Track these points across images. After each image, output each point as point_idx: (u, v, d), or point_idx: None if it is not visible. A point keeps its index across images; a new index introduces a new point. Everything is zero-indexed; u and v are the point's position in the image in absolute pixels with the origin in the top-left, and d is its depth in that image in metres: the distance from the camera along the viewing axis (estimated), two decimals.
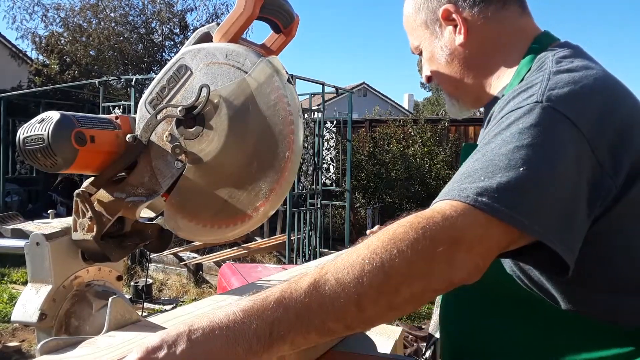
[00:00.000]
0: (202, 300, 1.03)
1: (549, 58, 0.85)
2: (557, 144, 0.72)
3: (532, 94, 0.76)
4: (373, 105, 21.96)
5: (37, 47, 11.53)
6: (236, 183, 0.87)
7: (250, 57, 0.86)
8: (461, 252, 0.66)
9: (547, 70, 0.81)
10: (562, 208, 0.70)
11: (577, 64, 0.82)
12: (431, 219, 0.67)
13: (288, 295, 0.61)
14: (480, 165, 0.72)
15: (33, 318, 0.88)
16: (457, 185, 0.72)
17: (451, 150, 8.42)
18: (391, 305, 0.65)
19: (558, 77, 0.78)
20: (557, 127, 0.73)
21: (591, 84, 0.78)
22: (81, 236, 0.89)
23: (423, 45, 1.00)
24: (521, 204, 0.69)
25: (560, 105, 0.74)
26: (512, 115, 0.76)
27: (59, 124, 0.83)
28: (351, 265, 0.63)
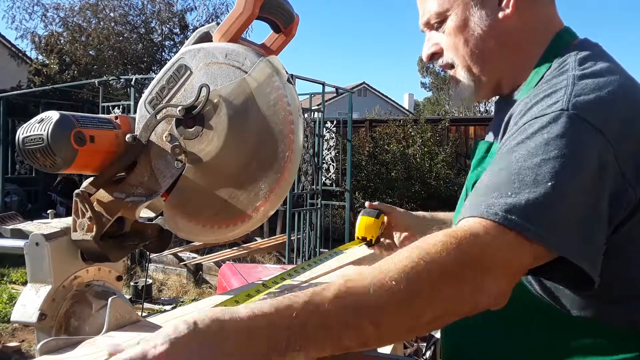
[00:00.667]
0: (202, 301, 1.03)
1: (571, 59, 0.82)
2: (584, 156, 0.70)
3: (557, 100, 0.75)
4: (373, 105, 21.95)
5: (37, 47, 11.53)
6: (236, 183, 0.87)
7: (250, 56, 0.86)
8: (490, 278, 0.66)
9: (570, 74, 0.78)
10: (588, 224, 0.70)
11: (601, 66, 0.80)
12: (463, 240, 0.65)
13: (308, 309, 0.58)
14: (507, 179, 0.71)
15: (33, 318, 0.88)
16: (485, 199, 0.71)
17: (451, 150, 8.42)
18: (411, 327, 0.64)
19: (583, 83, 0.76)
20: (584, 137, 0.71)
21: (616, 90, 0.76)
22: (81, 236, 0.88)
23: (454, 11, 0.89)
24: (551, 223, 0.68)
25: (587, 114, 0.72)
26: (536, 122, 0.74)
27: (59, 124, 0.83)
28: (376, 283, 0.60)
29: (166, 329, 0.55)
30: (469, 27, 0.89)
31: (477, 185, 0.75)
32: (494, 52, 0.90)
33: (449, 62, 0.94)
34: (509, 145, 0.76)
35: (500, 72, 0.92)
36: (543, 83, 0.82)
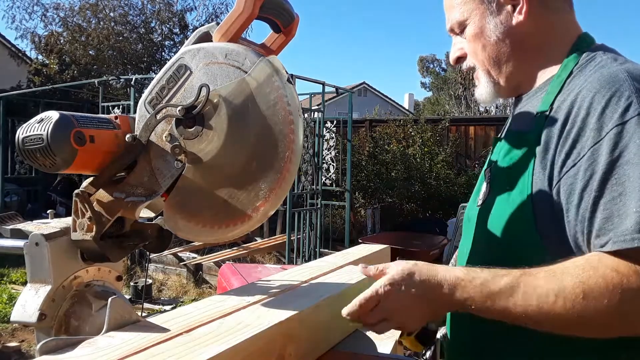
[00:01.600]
0: (202, 301, 1.03)
1: (602, 57, 0.88)
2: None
3: (628, 102, 0.77)
4: (373, 105, 21.95)
5: (37, 47, 11.53)
6: (236, 183, 0.86)
7: (250, 56, 0.86)
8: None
9: (619, 71, 0.81)
10: None
11: (634, 62, 0.86)
12: (626, 278, 0.71)
13: (485, 286, 0.79)
14: (633, 198, 0.73)
15: (32, 318, 0.88)
16: (629, 226, 0.72)
17: (451, 150, 8.42)
18: (559, 328, 0.78)
19: (636, 76, 0.80)
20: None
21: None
22: (80, 236, 0.88)
23: (472, 19, 0.97)
24: None
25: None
26: (620, 131, 0.76)
27: (58, 124, 0.83)
28: (537, 293, 0.76)
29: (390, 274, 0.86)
30: (485, 34, 0.96)
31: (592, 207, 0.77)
32: (510, 55, 0.96)
33: (470, 66, 1.02)
34: (604, 159, 0.77)
35: (519, 73, 0.98)
36: (583, 76, 0.86)
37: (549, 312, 0.75)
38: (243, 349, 0.78)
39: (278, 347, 0.84)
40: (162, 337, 0.80)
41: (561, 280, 0.75)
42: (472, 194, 1.10)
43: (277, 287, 1.11)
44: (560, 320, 0.75)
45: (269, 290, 1.08)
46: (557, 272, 0.76)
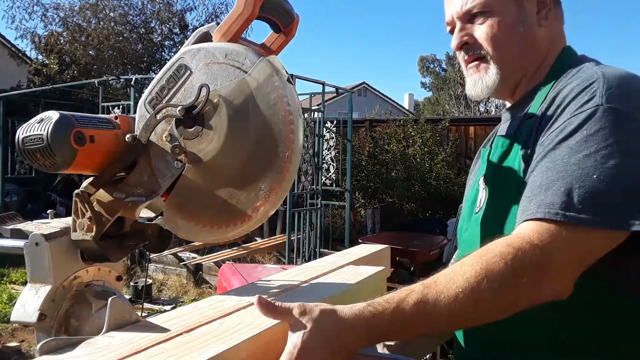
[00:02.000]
0: (202, 301, 1.03)
1: (588, 64, 0.91)
2: (623, 144, 0.78)
3: (591, 96, 0.82)
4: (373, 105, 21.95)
5: (37, 47, 11.53)
6: (236, 183, 0.86)
7: (250, 56, 0.86)
8: (549, 277, 0.75)
9: (598, 72, 0.86)
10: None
11: (617, 68, 0.88)
12: (519, 249, 0.75)
13: (395, 315, 0.75)
14: (555, 176, 0.79)
15: (32, 318, 0.88)
16: (539, 200, 0.79)
17: (451, 150, 8.42)
18: (475, 323, 0.79)
19: (610, 77, 0.84)
20: (620, 128, 0.79)
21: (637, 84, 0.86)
22: (80, 236, 0.88)
23: (498, 6, 0.95)
24: (607, 208, 0.75)
25: (620, 105, 0.80)
26: (574, 121, 0.82)
27: (58, 124, 0.83)
28: (447, 292, 0.75)
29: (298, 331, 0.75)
30: (515, 29, 0.96)
31: (529, 187, 0.83)
32: (525, 55, 0.98)
33: (481, 55, 0.99)
34: (552, 144, 0.83)
35: (522, 73, 1.00)
36: (566, 79, 0.90)
37: (465, 311, 0.75)
38: (243, 349, 0.78)
39: (278, 347, 0.84)
40: (162, 337, 0.80)
41: (462, 275, 0.75)
42: (463, 206, 1.11)
43: (277, 287, 1.11)
44: (479, 311, 0.76)
45: (269, 290, 1.08)
46: (455, 270, 0.77)
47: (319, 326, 0.74)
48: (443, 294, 0.75)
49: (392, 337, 0.78)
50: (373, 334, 0.75)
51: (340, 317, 0.75)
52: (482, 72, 0.99)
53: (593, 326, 0.86)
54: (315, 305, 0.77)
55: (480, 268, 0.75)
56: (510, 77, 0.99)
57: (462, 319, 0.77)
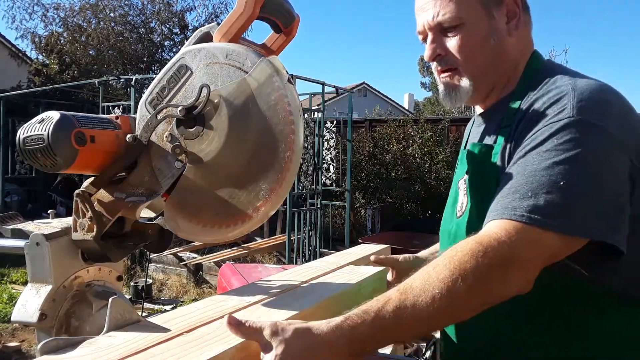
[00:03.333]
0: (202, 301, 1.03)
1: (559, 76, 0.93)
2: (591, 154, 0.82)
3: (563, 108, 0.85)
4: (373, 105, 21.95)
5: (37, 47, 11.53)
6: (236, 183, 0.87)
7: (251, 57, 0.86)
8: (514, 273, 0.78)
9: (568, 85, 0.89)
10: (607, 207, 0.81)
11: (587, 80, 0.91)
12: (488, 246, 0.78)
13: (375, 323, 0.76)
14: (524, 181, 0.83)
15: (33, 318, 0.88)
16: (507, 202, 0.82)
17: (451, 150, 8.41)
18: (453, 321, 0.84)
19: (581, 90, 0.87)
20: (589, 139, 0.82)
21: (607, 90, 0.89)
22: (81, 236, 0.88)
23: (470, 19, 0.96)
24: (571, 214, 0.79)
25: (590, 117, 0.83)
26: (546, 131, 0.85)
27: (59, 124, 0.83)
28: (424, 295, 0.77)
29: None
30: (487, 41, 0.97)
31: (499, 189, 0.86)
32: (497, 65, 1.00)
33: (452, 67, 1.00)
34: (523, 151, 0.87)
35: (495, 82, 1.02)
36: (541, 90, 0.93)
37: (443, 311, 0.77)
38: (243, 349, 0.78)
39: None
40: (163, 337, 0.80)
41: (437, 277, 0.77)
42: (445, 207, 1.13)
43: (277, 287, 1.11)
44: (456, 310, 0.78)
45: (269, 290, 1.08)
46: (429, 272, 0.79)
47: (291, 349, 0.72)
48: (420, 298, 0.76)
49: (373, 347, 0.78)
50: (353, 347, 0.75)
51: (316, 335, 0.74)
52: (456, 82, 1.01)
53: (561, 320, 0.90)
54: (289, 324, 0.75)
55: (453, 267, 0.77)
56: (482, 87, 1.01)
57: (440, 319, 0.80)
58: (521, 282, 0.79)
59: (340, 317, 0.77)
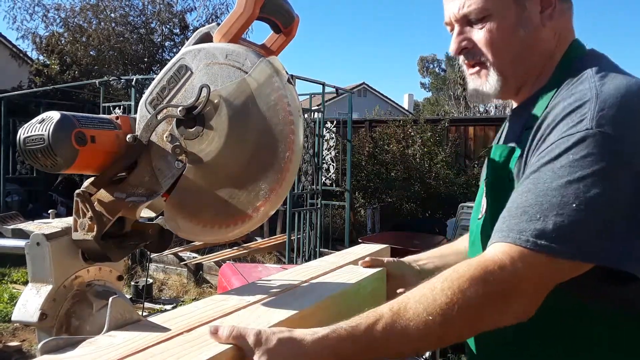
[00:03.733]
0: (202, 300, 1.03)
1: (589, 72, 0.85)
2: (608, 172, 0.75)
3: (582, 117, 0.78)
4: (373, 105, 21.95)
5: (38, 48, 11.53)
6: (236, 183, 0.87)
7: (251, 57, 0.86)
8: (514, 303, 0.76)
9: (592, 85, 0.82)
10: (623, 229, 0.75)
11: (618, 81, 0.83)
12: (489, 275, 0.75)
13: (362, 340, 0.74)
14: (534, 200, 0.77)
15: (33, 318, 0.88)
16: (513, 223, 0.78)
17: (451, 150, 8.42)
18: (441, 345, 0.79)
19: (605, 97, 0.79)
20: (608, 155, 0.76)
21: (636, 102, 0.80)
22: (81, 236, 0.89)
23: (498, 10, 0.90)
24: (581, 240, 0.74)
25: (611, 129, 0.76)
26: (562, 143, 0.78)
27: (60, 124, 0.83)
28: (417, 319, 0.75)
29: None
30: (515, 32, 0.91)
31: (508, 206, 0.82)
32: (527, 58, 0.93)
33: (480, 60, 0.95)
34: (537, 164, 0.81)
35: (525, 76, 0.95)
36: (564, 91, 0.86)
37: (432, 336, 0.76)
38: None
39: None
40: (163, 337, 0.80)
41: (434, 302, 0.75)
42: (474, 206, 1.11)
43: (277, 286, 1.11)
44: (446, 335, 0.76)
45: (269, 289, 1.08)
46: (426, 294, 0.76)
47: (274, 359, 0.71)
48: (413, 322, 0.74)
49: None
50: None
51: (300, 346, 0.72)
52: (483, 79, 0.96)
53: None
54: (272, 333, 0.73)
55: (452, 294, 0.74)
56: (511, 82, 0.95)
57: (428, 344, 0.80)
58: (520, 313, 0.77)
59: (327, 328, 0.75)
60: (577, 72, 0.87)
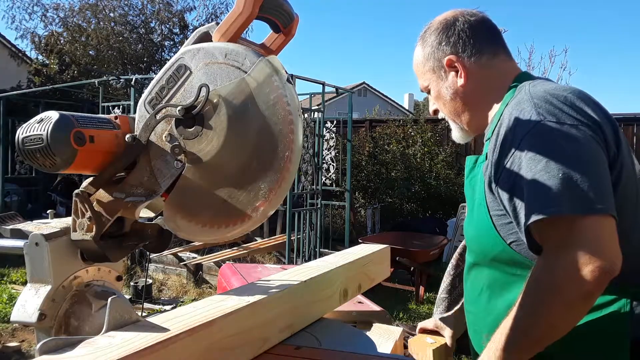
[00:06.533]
0: (201, 301, 1.03)
1: (526, 85, 1.08)
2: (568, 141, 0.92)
3: (530, 116, 0.97)
4: (373, 105, 21.95)
5: (37, 47, 11.53)
6: (236, 183, 0.87)
7: (250, 56, 0.86)
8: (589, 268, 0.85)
9: (526, 93, 1.03)
10: (606, 185, 0.90)
11: (547, 83, 1.07)
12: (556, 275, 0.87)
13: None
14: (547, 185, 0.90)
15: (32, 318, 0.88)
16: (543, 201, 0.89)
17: (451, 150, 8.42)
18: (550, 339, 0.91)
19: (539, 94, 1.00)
20: (567, 133, 0.93)
21: (568, 89, 1.02)
22: (80, 236, 0.88)
23: (431, 85, 1.22)
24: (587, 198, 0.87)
25: (553, 116, 0.95)
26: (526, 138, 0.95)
27: (58, 124, 0.83)
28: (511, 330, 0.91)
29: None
30: (442, 95, 1.21)
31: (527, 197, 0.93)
32: (464, 108, 1.19)
33: (443, 117, 1.26)
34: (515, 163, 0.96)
35: (475, 118, 1.20)
36: (508, 107, 1.06)
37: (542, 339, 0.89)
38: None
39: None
40: (162, 337, 0.80)
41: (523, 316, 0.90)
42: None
43: (276, 287, 1.11)
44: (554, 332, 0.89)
45: (269, 290, 1.08)
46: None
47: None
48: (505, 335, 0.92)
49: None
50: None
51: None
52: (452, 128, 1.26)
53: None
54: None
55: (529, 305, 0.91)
56: (465, 126, 1.22)
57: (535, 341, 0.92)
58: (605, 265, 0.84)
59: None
60: (518, 91, 1.10)
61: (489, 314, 1.08)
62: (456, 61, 1.16)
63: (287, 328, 1.12)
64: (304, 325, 1.19)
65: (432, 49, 1.19)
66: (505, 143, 0.99)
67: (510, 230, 1.01)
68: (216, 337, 0.89)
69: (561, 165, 0.89)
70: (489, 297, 1.08)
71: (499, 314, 1.02)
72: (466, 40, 1.16)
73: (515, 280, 1.02)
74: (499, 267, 1.05)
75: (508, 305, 1.00)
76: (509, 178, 0.96)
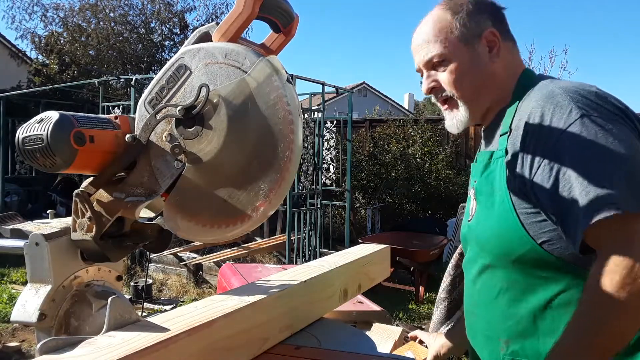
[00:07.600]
0: (201, 301, 1.03)
1: (541, 82, 1.04)
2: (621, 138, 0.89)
3: (569, 109, 0.93)
4: (373, 105, 21.95)
5: (37, 47, 11.53)
6: (236, 183, 0.87)
7: (250, 56, 0.86)
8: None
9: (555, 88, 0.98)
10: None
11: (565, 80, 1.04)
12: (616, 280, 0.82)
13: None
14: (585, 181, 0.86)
15: (32, 318, 0.88)
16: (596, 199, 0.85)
17: (451, 150, 8.42)
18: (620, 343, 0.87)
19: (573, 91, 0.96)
20: (610, 125, 0.90)
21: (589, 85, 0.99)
22: (80, 236, 0.88)
23: (454, 54, 1.10)
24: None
25: (594, 111, 0.92)
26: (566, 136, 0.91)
27: (58, 124, 0.83)
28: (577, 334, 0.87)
29: None
30: (470, 69, 1.10)
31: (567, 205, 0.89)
32: (484, 89, 1.12)
33: (448, 96, 1.14)
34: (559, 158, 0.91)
35: (487, 104, 1.13)
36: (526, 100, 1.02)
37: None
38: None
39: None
40: (162, 337, 0.80)
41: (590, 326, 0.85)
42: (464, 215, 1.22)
43: (277, 287, 1.11)
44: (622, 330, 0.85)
45: (269, 290, 1.08)
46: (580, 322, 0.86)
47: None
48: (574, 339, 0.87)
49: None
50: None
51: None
52: (455, 111, 1.14)
53: None
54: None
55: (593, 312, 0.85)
56: (476, 109, 1.13)
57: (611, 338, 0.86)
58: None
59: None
60: (532, 87, 1.05)
61: (509, 318, 1.01)
62: (496, 37, 1.10)
63: (287, 328, 1.12)
64: (304, 325, 1.19)
65: (467, 17, 1.10)
66: (540, 137, 0.94)
67: (542, 228, 0.95)
68: (216, 337, 0.90)
69: (619, 161, 0.85)
70: (508, 300, 1.01)
71: (521, 318, 0.99)
72: (502, 19, 1.13)
73: (541, 282, 0.97)
74: (522, 268, 0.99)
75: (532, 309, 0.97)
76: (551, 174, 0.91)
